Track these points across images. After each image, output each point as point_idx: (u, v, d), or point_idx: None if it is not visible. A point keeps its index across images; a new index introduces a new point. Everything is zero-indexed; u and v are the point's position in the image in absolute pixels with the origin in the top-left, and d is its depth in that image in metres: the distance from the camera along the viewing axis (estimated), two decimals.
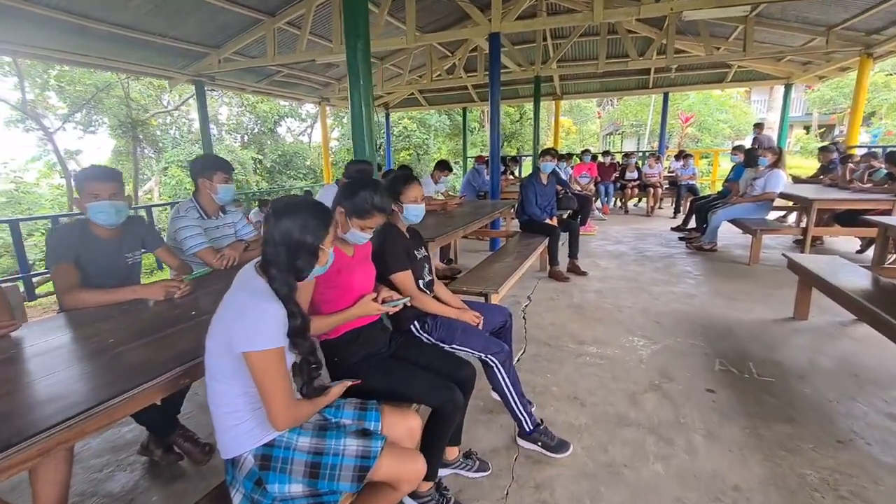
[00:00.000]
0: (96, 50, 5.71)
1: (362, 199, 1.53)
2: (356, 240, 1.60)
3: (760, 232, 4.65)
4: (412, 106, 12.76)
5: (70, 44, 5.42)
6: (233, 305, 1.11)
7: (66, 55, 5.65)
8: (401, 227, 2.02)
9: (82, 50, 5.62)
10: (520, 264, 3.44)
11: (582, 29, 7.88)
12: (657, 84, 10.26)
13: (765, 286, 4.11)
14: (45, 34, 5.10)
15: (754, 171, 5.25)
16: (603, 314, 3.57)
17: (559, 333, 3.22)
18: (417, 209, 2.02)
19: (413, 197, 2.01)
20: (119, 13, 5.16)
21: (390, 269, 1.87)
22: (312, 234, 1.20)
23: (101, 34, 5.35)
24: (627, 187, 8.69)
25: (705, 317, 3.43)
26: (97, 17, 5.10)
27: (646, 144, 21.17)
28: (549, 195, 4.70)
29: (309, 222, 1.20)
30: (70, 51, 5.55)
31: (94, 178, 1.77)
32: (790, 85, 9.27)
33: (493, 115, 5.45)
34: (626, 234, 6.75)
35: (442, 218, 4.10)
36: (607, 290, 4.13)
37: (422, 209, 2.04)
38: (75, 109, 12.19)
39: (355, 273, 1.62)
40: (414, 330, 1.96)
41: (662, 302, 3.80)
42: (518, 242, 4.31)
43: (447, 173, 4.93)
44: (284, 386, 1.10)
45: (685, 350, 2.89)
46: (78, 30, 5.16)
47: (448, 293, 2.17)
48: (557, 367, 2.71)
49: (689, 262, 5.02)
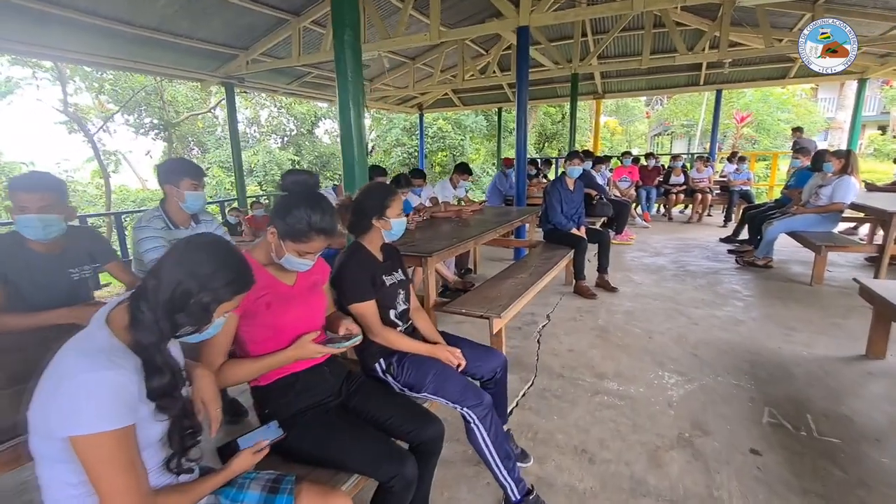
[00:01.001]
0: (127, 53, 5.79)
1: (297, 219, 1.23)
2: (294, 266, 1.31)
3: (825, 249, 4.01)
4: (446, 106, 12.49)
5: (101, 47, 5.50)
6: (53, 372, 0.83)
7: (98, 58, 5.75)
8: (372, 247, 1.72)
9: (113, 53, 5.70)
10: (534, 282, 3.06)
11: (624, 23, 7.31)
12: (709, 81, 9.45)
13: (830, 314, 3.50)
14: (78, 38, 5.20)
15: (821, 178, 4.58)
16: (630, 340, 3.12)
17: (576, 363, 2.81)
18: (401, 224, 1.73)
19: (399, 210, 1.72)
20: (145, 15, 5.19)
21: (348, 299, 1.57)
22: (211, 291, 0.92)
23: (128, 36, 5.40)
24: (672, 193, 8.01)
25: (754, 350, 2.92)
26: (125, 20, 5.15)
27: (697, 146, 19.92)
28: (576, 202, 4.27)
29: (218, 274, 0.93)
30: (102, 54, 5.65)
31: (22, 188, 1.58)
32: (864, 80, 8.25)
33: (520, 114, 5.06)
34: (668, 244, 6.16)
35: (454, 227, 3.77)
36: (639, 311, 3.66)
37: (404, 223, 1.75)
38: (115, 112, 12.75)
39: (292, 307, 1.32)
40: (379, 371, 1.65)
41: (703, 328, 3.30)
42: (539, 254, 3.91)
43: (467, 177, 4.59)
44: (127, 481, 0.81)
45: (726, 393, 2.42)
46: (108, 33, 5.23)
47: (428, 323, 1.85)
48: (568, 408, 2.32)
49: (739, 280, 4.44)
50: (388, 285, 1.71)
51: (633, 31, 7.95)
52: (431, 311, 2.75)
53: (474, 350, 1.86)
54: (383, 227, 1.69)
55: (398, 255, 1.88)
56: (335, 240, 1.36)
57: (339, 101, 2.28)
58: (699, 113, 19.41)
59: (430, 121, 16.37)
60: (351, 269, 1.60)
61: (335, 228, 1.28)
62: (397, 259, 1.85)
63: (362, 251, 1.68)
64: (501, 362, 1.88)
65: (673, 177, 8.10)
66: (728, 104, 16.67)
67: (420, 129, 12.58)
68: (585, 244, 4.07)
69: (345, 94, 2.23)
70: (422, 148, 12.70)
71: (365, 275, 1.61)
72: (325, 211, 1.26)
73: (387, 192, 1.70)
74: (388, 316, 1.70)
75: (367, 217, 1.67)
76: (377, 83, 9.52)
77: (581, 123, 19.06)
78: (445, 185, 4.56)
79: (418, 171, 4.28)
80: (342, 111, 2.27)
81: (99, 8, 4.82)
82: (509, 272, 3.37)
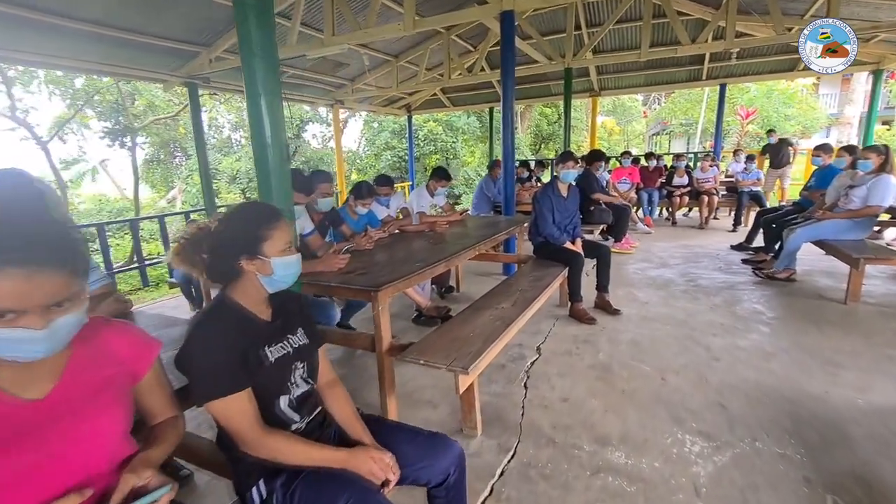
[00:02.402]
0: (69, 50, 5.21)
1: None
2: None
3: (864, 262, 3.42)
4: (436, 108, 11.92)
5: (35, 43, 4.92)
6: None
7: (30, 56, 5.16)
8: (248, 301, 1.12)
9: (50, 50, 5.12)
10: (518, 314, 2.46)
11: (620, 13, 6.75)
12: (712, 75, 8.89)
13: (877, 342, 2.91)
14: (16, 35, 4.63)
15: (849, 177, 4.00)
16: (638, 384, 2.53)
17: (572, 419, 2.21)
18: (290, 264, 1.14)
19: (286, 243, 1.13)
20: (84, 7, 4.61)
21: (197, 394, 0.98)
22: None
23: (67, 31, 4.81)
24: (675, 195, 7.42)
25: (794, 397, 2.32)
26: (60, 12, 4.55)
27: (697, 145, 19.39)
28: (571, 211, 3.68)
29: None
30: (33, 51, 5.06)
31: None
32: (880, 71, 7.69)
33: (506, 111, 4.48)
34: (674, 252, 5.57)
35: (425, 243, 3.18)
36: (646, 341, 3.07)
37: (295, 263, 1.15)
38: (70, 118, 12.13)
39: (21, 444, 0.73)
40: (256, 500, 1.06)
41: (725, 364, 2.70)
42: (528, 274, 3.32)
43: (445, 183, 4.00)
44: None
45: (770, 469, 1.82)
46: (40, 27, 4.64)
47: (346, 407, 1.26)
48: (559, 497, 1.72)
49: (759, 297, 3.84)
50: (276, 360, 1.11)
51: (629, 22, 7.41)
52: (385, 358, 2.16)
53: (417, 444, 1.26)
54: (259, 271, 1.10)
55: (299, 306, 1.28)
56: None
57: (246, 87, 1.69)
58: (699, 111, 18.88)
59: (421, 123, 15.80)
60: (202, 344, 1.00)
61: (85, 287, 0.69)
62: (296, 314, 1.25)
63: (227, 311, 1.09)
64: (456, 458, 1.29)
65: (676, 178, 7.52)
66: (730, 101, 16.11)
67: (409, 132, 12.01)
68: (582, 261, 3.48)
69: (252, 76, 1.64)
70: (411, 151, 12.13)
71: (227, 353, 1.01)
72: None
73: (263, 217, 1.11)
74: (274, 408, 1.11)
75: (230, 257, 1.09)
76: (358, 83, 8.97)
77: (577, 123, 18.51)
78: (421, 192, 3.97)
79: (384, 177, 3.68)
80: (250, 98, 1.67)
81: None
82: (490, 299, 2.78)
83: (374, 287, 2.06)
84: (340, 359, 3.03)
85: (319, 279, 2.22)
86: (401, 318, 3.74)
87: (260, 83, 1.66)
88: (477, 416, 2.10)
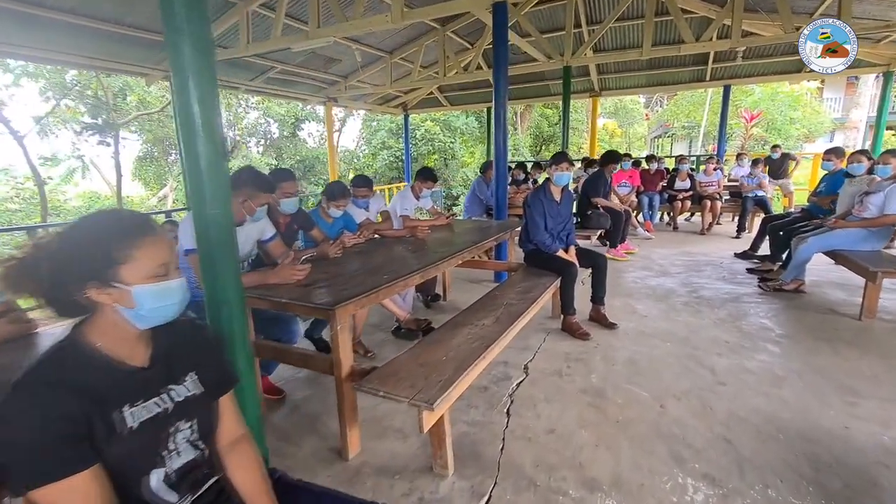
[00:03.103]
0: (43, 41, 4.95)
1: None
2: None
3: (882, 275, 3.14)
4: (433, 107, 11.66)
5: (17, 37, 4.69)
6: None
7: (13, 48, 4.91)
8: (107, 342, 0.84)
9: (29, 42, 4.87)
10: (500, 333, 2.19)
11: (621, 10, 6.49)
12: (716, 76, 8.63)
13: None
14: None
15: (865, 183, 3.73)
16: (635, 412, 2.26)
17: (557, 457, 1.94)
18: (164, 293, 0.85)
19: (154, 266, 0.84)
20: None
21: (13, 483, 0.71)
22: None
23: (42, 21, 4.56)
24: (677, 199, 7.15)
25: (810, 433, 2.05)
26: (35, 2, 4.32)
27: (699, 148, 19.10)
28: (564, 217, 3.40)
29: None
30: (18, 44, 4.82)
31: None
32: (890, 73, 7.40)
33: (498, 108, 4.21)
34: (675, 260, 5.29)
35: (405, 250, 2.91)
36: (644, 360, 2.80)
37: (176, 290, 0.87)
38: (49, 113, 11.87)
39: None
40: None
41: (732, 390, 2.43)
42: (516, 284, 3.05)
43: (431, 184, 3.73)
44: None
45: None
46: (24, 19, 4.40)
47: (254, 475, 0.98)
48: None
49: (767, 311, 3.57)
50: (141, 424, 0.83)
51: (631, 19, 7.15)
52: (345, 384, 1.89)
53: None
54: (118, 302, 0.82)
55: (197, 342, 1.00)
56: None
57: (173, 68, 1.42)
58: (701, 114, 18.60)
59: (418, 122, 15.54)
60: (19, 411, 0.72)
61: None
62: (189, 354, 0.97)
63: (71, 359, 0.80)
64: None
65: (678, 181, 7.24)
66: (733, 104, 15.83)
67: (405, 131, 11.74)
68: (575, 271, 3.20)
69: (178, 55, 1.38)
70: (407, 150, 11.86)
71: (58, 421, 0.73)
72: None
73: (118, 231, 0.82)
74: (140, 488, 0.83)
75: (71, 285, 0.80)
76: (352, 80, 8.71)
77: (578, 125, 18.24)
78: (406, 194, 3.70)
79: (362, 177, 3.40)
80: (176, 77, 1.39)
81: None
82: (471, 313, 2.51)
83: (332, 304, 1.79)
84: (305, 378, 2.75)
85: (270, 294, 1.95)
86: (380, 329, 3.47)
87: (187, 63, 1.39)
88: (448, 452, 1.82)
